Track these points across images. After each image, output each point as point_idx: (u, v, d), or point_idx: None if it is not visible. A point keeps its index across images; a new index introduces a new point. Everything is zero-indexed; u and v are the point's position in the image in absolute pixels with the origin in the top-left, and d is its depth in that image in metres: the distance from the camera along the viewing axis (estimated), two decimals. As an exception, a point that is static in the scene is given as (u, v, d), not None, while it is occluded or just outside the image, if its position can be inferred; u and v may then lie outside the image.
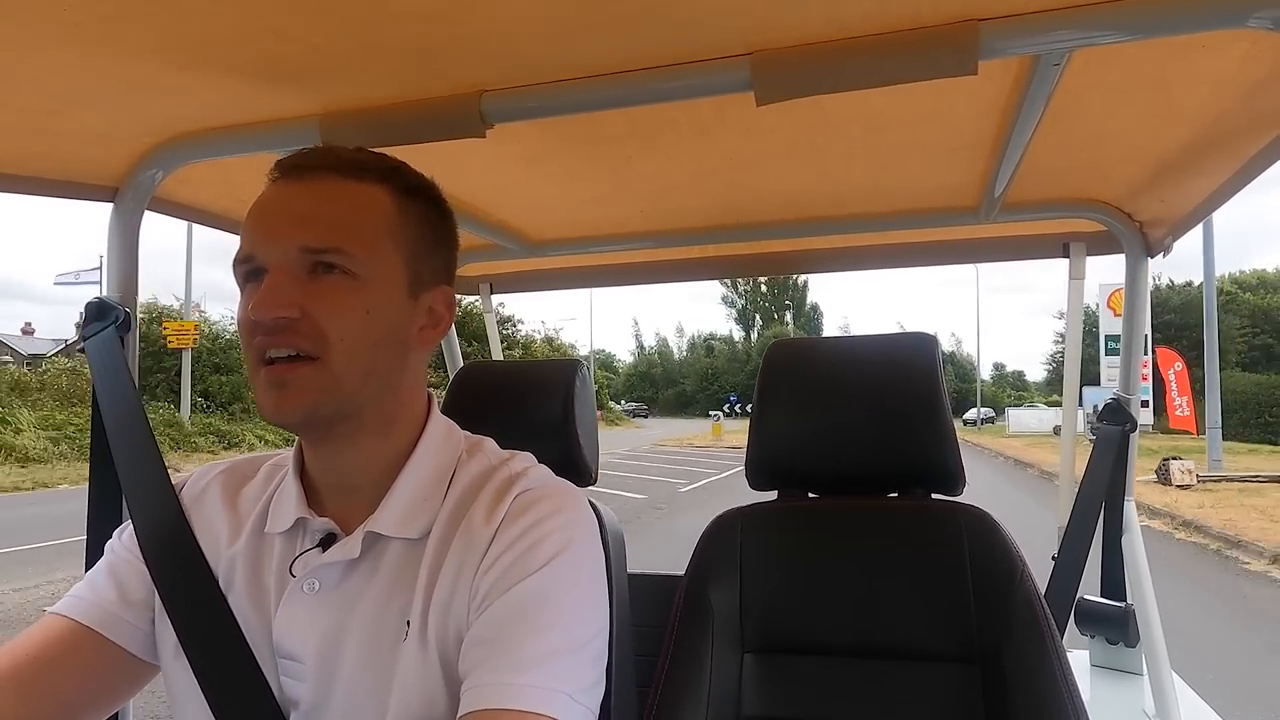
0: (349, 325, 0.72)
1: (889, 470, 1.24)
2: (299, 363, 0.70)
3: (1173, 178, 1.32)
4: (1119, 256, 1.65)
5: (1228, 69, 0.93)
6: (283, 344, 0.70)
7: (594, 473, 1.21)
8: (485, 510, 0.76)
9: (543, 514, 0.75)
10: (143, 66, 0.89)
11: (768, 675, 1.15)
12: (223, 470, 0.90)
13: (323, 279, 0.72)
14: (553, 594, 0.71)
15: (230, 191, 1.42)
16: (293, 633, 0.75)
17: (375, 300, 0.74)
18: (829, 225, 1.68)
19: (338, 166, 0.75)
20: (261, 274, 0.72)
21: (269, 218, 0.74)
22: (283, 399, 0.71)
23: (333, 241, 0.72)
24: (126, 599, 0.82)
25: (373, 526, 0.76)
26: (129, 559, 0.84)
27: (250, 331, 0.71)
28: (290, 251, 0.71)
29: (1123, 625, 1.78)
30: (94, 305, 1.15)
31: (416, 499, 0.78)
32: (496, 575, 0.72)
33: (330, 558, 0.76)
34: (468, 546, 0.74)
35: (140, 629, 0.81)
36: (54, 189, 1.23)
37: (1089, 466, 1.65)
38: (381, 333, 0.75)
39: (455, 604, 0.73)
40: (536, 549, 0.72)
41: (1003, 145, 1.18)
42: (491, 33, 0.83)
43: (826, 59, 0.85)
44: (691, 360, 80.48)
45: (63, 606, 0.80)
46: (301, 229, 0.72)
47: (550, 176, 1.42)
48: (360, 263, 0.72)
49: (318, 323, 0.70)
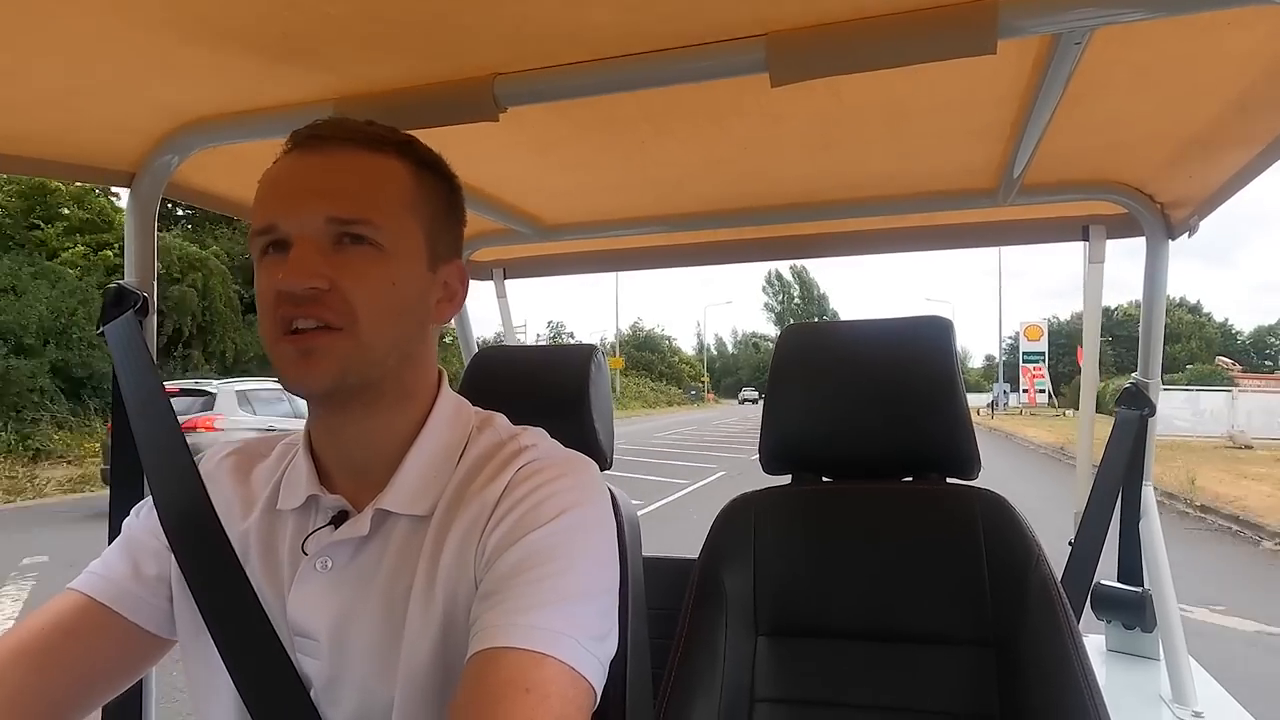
0: (376, 296, 0.72)
1: (903, 454, 1.23)
2: (326, 331, 0.71)
3: (1195, 158, 1.29)
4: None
5: (1252, 46, 0.91)
6: (311, 315, 0.70)
7: (609, 457, 1.21)
8: (489, 478, 0.77)
9: (549, 477, 0.76)
10: (160, 50, 0.90)
11: (781, 659, 1.15)
12: (236, 449, 0.91)
13: (349, 250, 0.72)
14: (560, 545, 0.71)
15: (245, 178, 1.43)
16: (306, 610, 0.76)
17: (399, 272, 0.74)
18: (845, 209, 1.66)
19: (355, 138, 0.76)
20: (283, 245, 0.72)
21: (291, 189, 0.73)
22: (310, 366, 0.71)
23: (360, 212, 0.72)
24: (140, 575, 0.83)
25: (382, 504, 0.77)
26: (144, 536, 0.85)
27: (275, 303, 0.71)
28: (316, 222, 0.71)
29: (1139, 610, 1.77)
30: (112, 292, 1.16)
31: (426, 476, 0.78)
32: (503, 532, 0.72)
33: (341, 535, 0.76)
34: (473, 513, 0.75)
35: (154, 604, 0.82)
36: (73, 173, 1.24)
37: (1106, 451, 1.64)
38: (405, 304, 0.75)
39: (462, 569, 0.73)
40: (543, 505, 0.73)
41: (1021, 127, 1.16)
42: (505, 16, 0.82)
43: (843, 39, 0.83)
44: (744, 354, 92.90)
45: (78, 583, 0.82)
46: (327, 200, 0.72)
47: (564, 161, 1.42)
48: (385, 234, 0.73)
49: (345, 294, 0.71)
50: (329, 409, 0.79)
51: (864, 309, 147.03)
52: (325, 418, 0.80)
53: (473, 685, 0.63)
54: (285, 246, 0.72)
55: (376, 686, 0.73)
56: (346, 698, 0.74)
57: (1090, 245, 1.70)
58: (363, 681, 0.74)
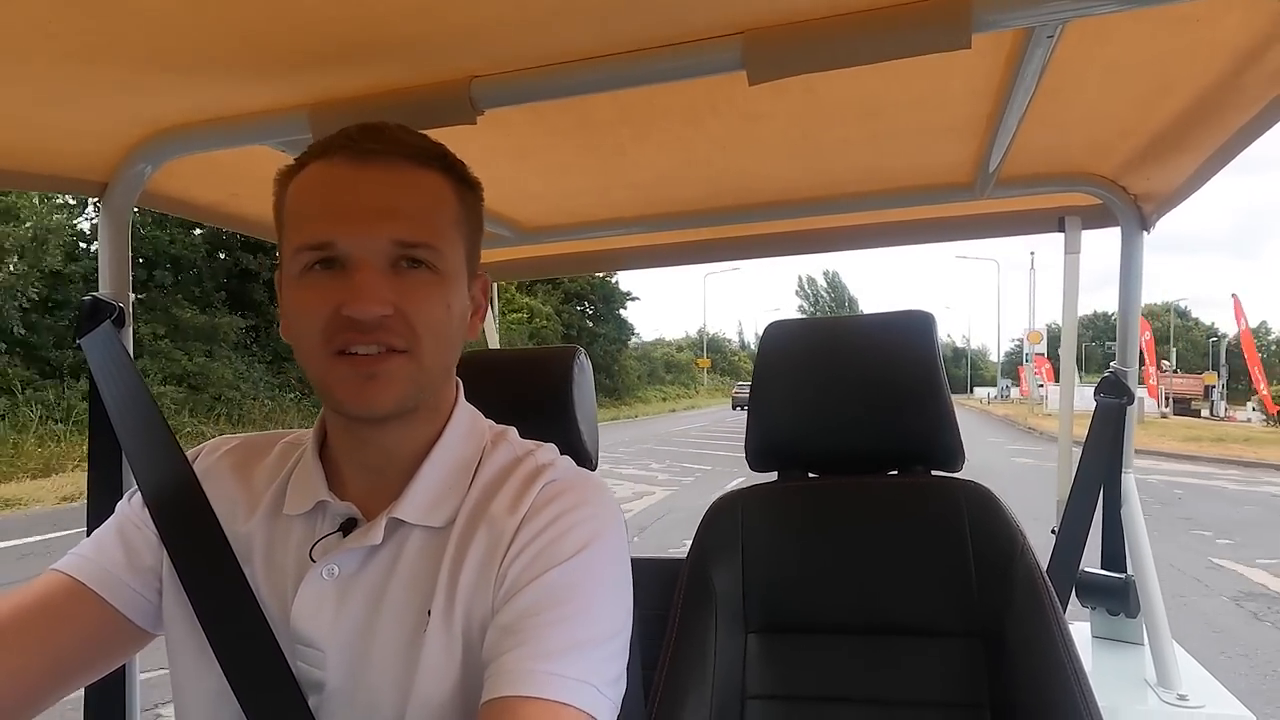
0: (435, 320, 0.72)
1: (888, 448, 1.24)
2: (392, 355, 0.70)
3: (1166, 150, 1.31)
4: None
5: (1219, 38, 0.92)
6: (376, 340, 0.69)
7: (594, 459, 1.21)
8: (510, 500, 0.76)
9: (569, 505, 0.75)
10: (130, 58, 0.88)
11: (771, 655, 1.16)
12: (234, 445, 0.89)
13: (409, 273, 0.71)
14: (580, 585, 0.70)
15: (221, 184, 1.41)
16: (310, 618, 0.74)
17: (452, 295, 0.74)
18: (823, 206, 1.67)
19: (405, 151, 0.74)
20: (335, 263, 0.70)
21: (350, 205, 0.71)
22: (374, 391, 0.70)
23: (424, 237, 0.71)
24: (133, 564, 0.81)
25: (396, 513, 0.75)
26: (139, 525, 0.83)
27: (332, 324, 0.69)
28: (381, 244, 0.70)
29: (1123, 596, 1.79)
30: (88, 304, 1.14)
31: (442, 487, 0.77)
32: (524, 563, 0.71)
33: (351, 544, 0.75)
34: (492, 536, 0.74)
35: (143, 596, 0.81)
36: (43, 183, 1.23)
37: (1088, 440, 1.66)
38: (457, 327, 0.76)
39: (480, 593, 0.72)
40: (564, 539, 0.72)
41: (996, 121, 1.17)
42: (481, 18, 0.82)
43: (819, 36, 0.84)
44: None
45: (66, 564, 0.80)
46: (393, 221, 0.70)
47: (543, 164, 1.41)
48: (443, 258, 0.73)
49: (409, 319, 0.70)
50: (372, 424, 0.77)
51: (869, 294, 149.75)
52: (361, 431, 0.78)
53: None
54: (337, 264, 0.70)
55: (385, 701, 0.72)
56: (349, 710, 0.73)
57: (1066, 236, 1.71)
58: (368, 693, 0.72)
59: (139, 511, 0.84)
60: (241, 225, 1.58)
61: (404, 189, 0.72)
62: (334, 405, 0.73)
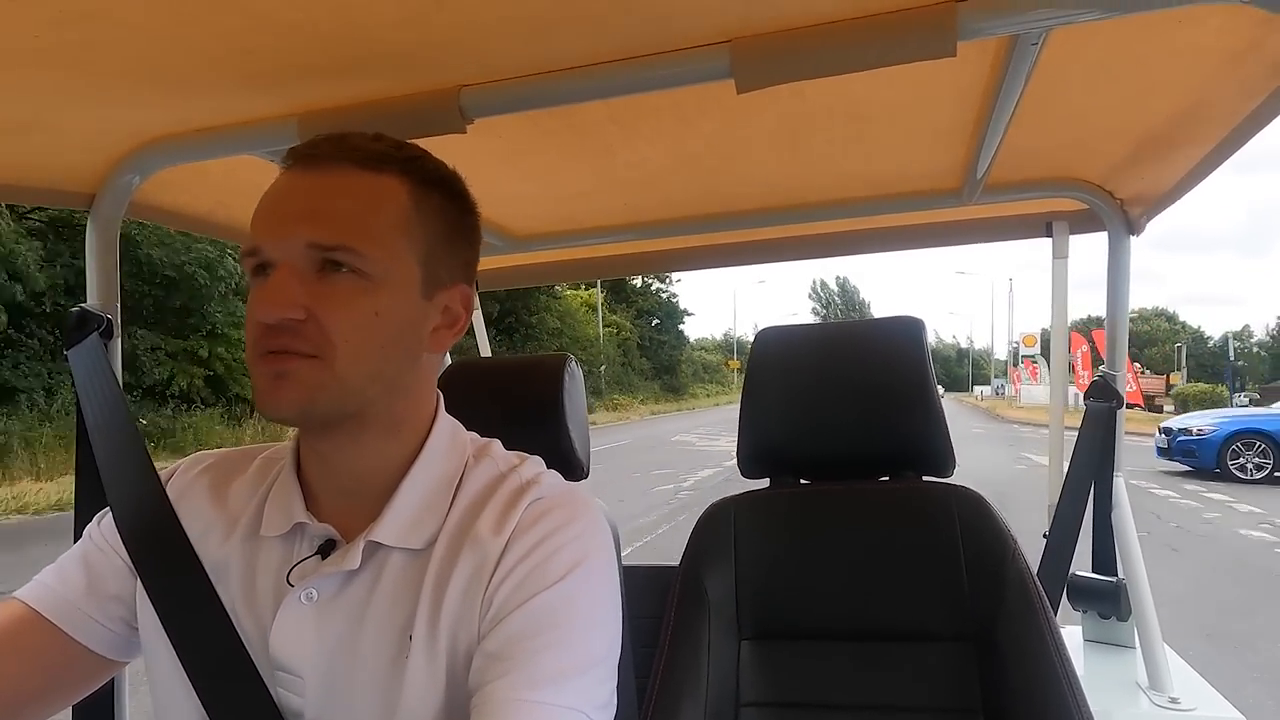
0: (355, 328, 0.68)
1: (879, 454, 1.24)
2: (298, 357, 0.67)
3: (1153, 154, 1.32)
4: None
5: (1204, 42, 0.93)
6: (285, 344, 0.67)
7: (585, 467, 1.21)
8: (494, 520, 0.73)
9: (557, 524, 0.73)
10: (115, 76, 0.88)
11: (765, 661, 1.15)
12: (211, 462, 0.86)
13: (331, 277, 0.68)
14: (569, 609, 0.69)
15: (209, 194, 1.41)
16: (289, 644, 0.72)
17: (385, 302, 0.70)
18: (813, 212, 1.68)
19: (353, 157, 0.71)
20: (268, 269, 0.69)
21: (277, 210, 0.70)
22: (279, 391, 0.67)
23: (343, 239, 0.68)
24: (96, 592, 0.78)
25: (374, 536, 0.72)
26: (106, 551, 0.81)
27: (254, 329, 0.68)
28: (297, 248, 0.68)
29: (1114, 600, 1.79)
30: (76, 315, 1.13)
31: (420, 507, 0.75)
32: (511, 588, 0.69)
33: (329, 568, 0.73)
34: (477, 558, 0.71)
35: (105, 626, 0.78)
36: (30, 195, 1.22)
37: (1078, 443, 1.66)
38: (390, 335, 0.71)
39: (465, 617, 0.70)
40: (551, 562, 0.70)
41: (984, 127, 1.18)
42: (469, 28, 0.82)
43: (806, 44, 0.84)
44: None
45: (25, 593, 0.77)
46: (310, 224, 0.68)
47: (532, 171, 1.41)
48: (371, 261, 0.69)
49: (323, 325, 0.67)
50: (311, 435, 0.75)
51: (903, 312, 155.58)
52: (310, 443, 0.77)
53: None
54: (269, 270, 0.69)
55: None
56: None
57: (1054, 241, 1.72)
58: (349, 718, 0.71)
59: (108, 535, 0.82)
60: (230, 234, 1.57)
61: (333, 192, 0.70)
62: (257, 407, 0.71)
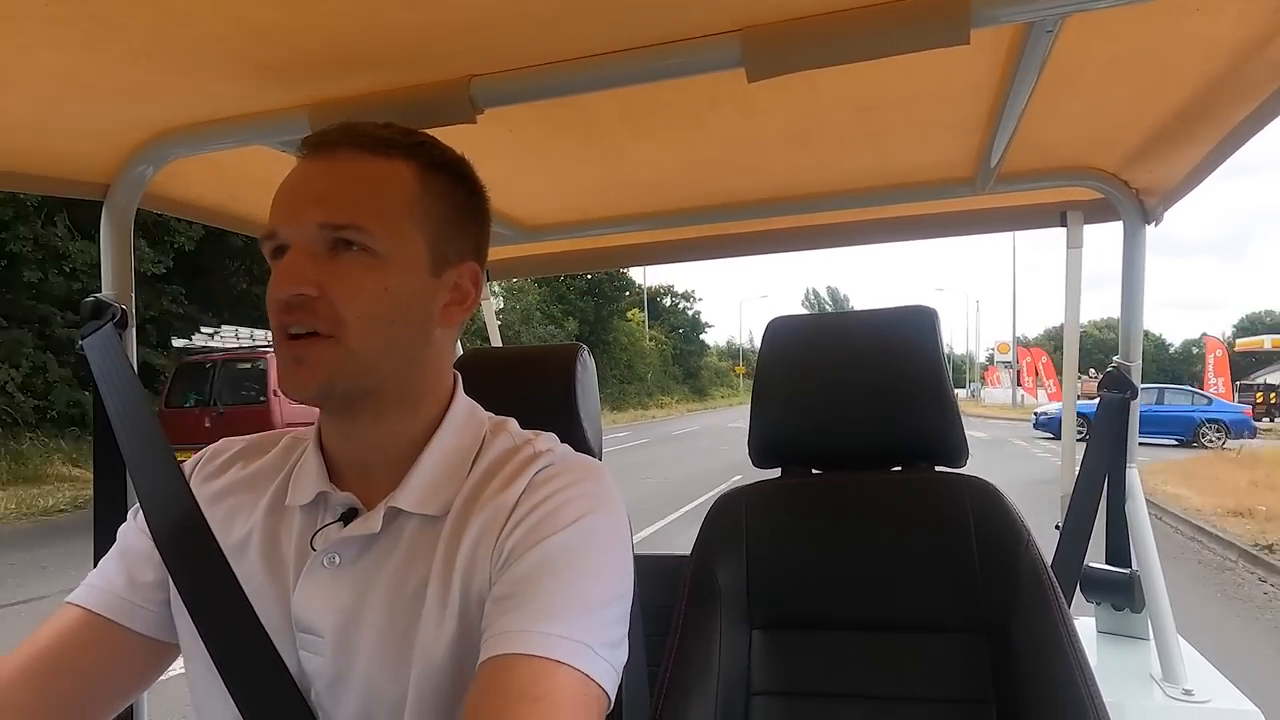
0: (365, 304, 0.72)
1: (892, 444, 1.24)
2: (315, 339, 0.71)
3: (1168, 143, 1.31)
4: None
5: (1218, 31, 0.92)
6: (300, 321, 0.71)
7: (598, 457, 1.21)
8: (506, 480, 0.77)
9: (568, 481, 0.76)
10: (128, 66, 0.89)
11: (776, 651, 1.16)
12: (240, 448, 0.90)
13: (342, 256, 0.72)
14: (577, 551, 0.71)
15: (222, 185, 1.42)
16: (312, 607, 0.75)
17: (394, 279, 0.74)
18: (824, 202, 1.67)
19: (362, 143, 0.75)
20: (284, 251, 0.73)
21: (291, 195, 0.74)
22: (299, 373, 0.72)
23: (351, 218, 0.72)
24: (135, 582, 0.82)
25: (394, 502, 0.76)
26: (139, 542, 0.85)
27: (272, 308, 0.72)
28: (309, 228, 0.72)
29: (1128, 591, 1.78)
30: (90, 305, 1.14)
31: (439, 476, 0.78)
32: (522, 534, 0.72)
33: (351, 532, 0.76)
34: (489, 515, 0.75)
35: (152, 611, 0.82)
36: (45, 185, 1.23)
37: (1091, 435, 1.65)
38: (400, 310, 0.75)
39: (477, 569, 0.73)
40: (561, 511, 0.73)
41: (997, 116, 1.17)
42: (479, 17, 0.82)
43: (817, 33, 0.84)
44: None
45: (76, 596, 0.81)
46: (321, 206, 0.72)
47: (544, 162, 1.41)
48: (380, 240, 0.72)
49: (334, 301, 0.71)
50: (332, 413, 0.79)
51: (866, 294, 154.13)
52: (331, 420, 0.81)
53: (484, 692, 0.64)
54: (285, 252, 0.73)
55: (384, 684, 0.73)
56: (351, 695, 0.74)
57: (1068, 231, 1.71)
58: (369, 679, 0.73)
59: (140, 525, 0.86)
60: (241, 225, 1.58)
61: (342, 176, 0.74)
62: (280, 388, 0.75)
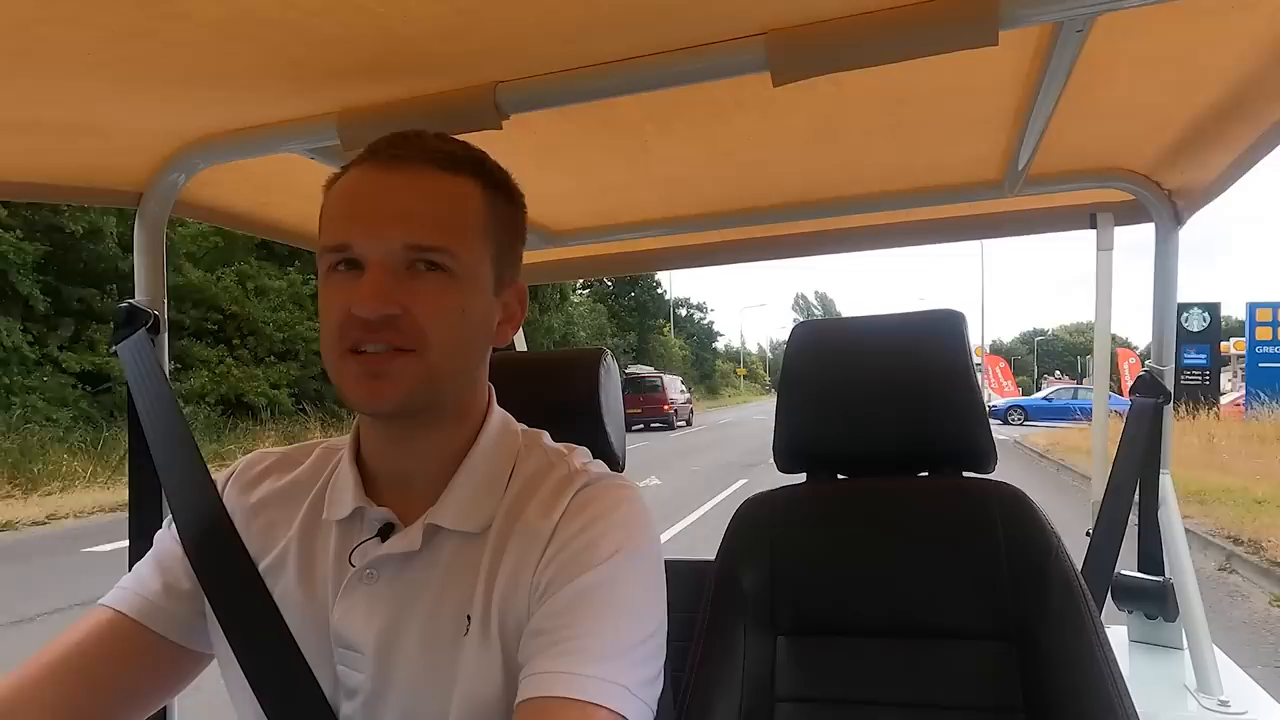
0: (447, 323, 0.73)
1: (918, 449, 1.23)
2: (398, 354, 0.71)
3: (1201, 143, 1.28)
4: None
5: (1256, 29, 0.90)
6: (382, 340, 0.71)
7: (621, 461, 1.21)
8: (544, 505, 0.77)
9: (602, 510, 0.76)
10: (162, 78, 0.91)
11: (801, 657, 1.15)
12: (271, 462, 0.90)
13: (423, 276, 0.72)
14: (613, 588, 0.71)
15: (252, 192, 1.44)
16: (352, 622, 0.76)
17: (469, 299, 0.74)
18: (850, 205, 1.66)
19: (433, 158, 0.75)
20: (355, 265, 0.72)
21: (368, 209, 0.73)
22: (379, 389, 0.71)
23: (438, 240, 0.72)
24: (172, 590, 0.82)
25: (433, 519, 0.76)
26: (175, 550, 0.85)
27: (343, 322, 0.71)
28: (393, 247, 0.71)
29: (1161, 599, 1.75)
30: (123, 310, 1.17)
31: (477, 493, 0.78)
32: (557, 568, 0.72)
33: (390, 549, 0.76)
34: (527, 540, 0.75)
35: (188, 620, 0.82)
36: (80, 195, 1.26)
37: (1123, 440, 1.62)
38: (474, 331, 0.76)
39: (517, 597, 0.73)
40: (598, 544, 0.73)
41: (1025, 117, 1.15)
42: (505, 25, 0.83)
43: (843, 36, 0.83)
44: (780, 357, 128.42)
45: (110, 598, 0.82)
46: (405, 225, 0.71)
47: (568, 167, 1.42)
48: (459, 260, 0.73)
49: (418, 321, 0.71)
50: (392, 425, 0.79)
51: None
52: (386, 432, 0.80)
53: None
54: (357, 266, 0.72)
55: (425, 702, 0.73)
56: (390, 711, 0.74)
57: (1098, 233, 1.68)
58: (410, 696, 0.74)
59: (177, 535, 0.86)
60: (272, 232, 1.61)
61: (422, 193, 0.73)
62: (346, 402, 0.74)
